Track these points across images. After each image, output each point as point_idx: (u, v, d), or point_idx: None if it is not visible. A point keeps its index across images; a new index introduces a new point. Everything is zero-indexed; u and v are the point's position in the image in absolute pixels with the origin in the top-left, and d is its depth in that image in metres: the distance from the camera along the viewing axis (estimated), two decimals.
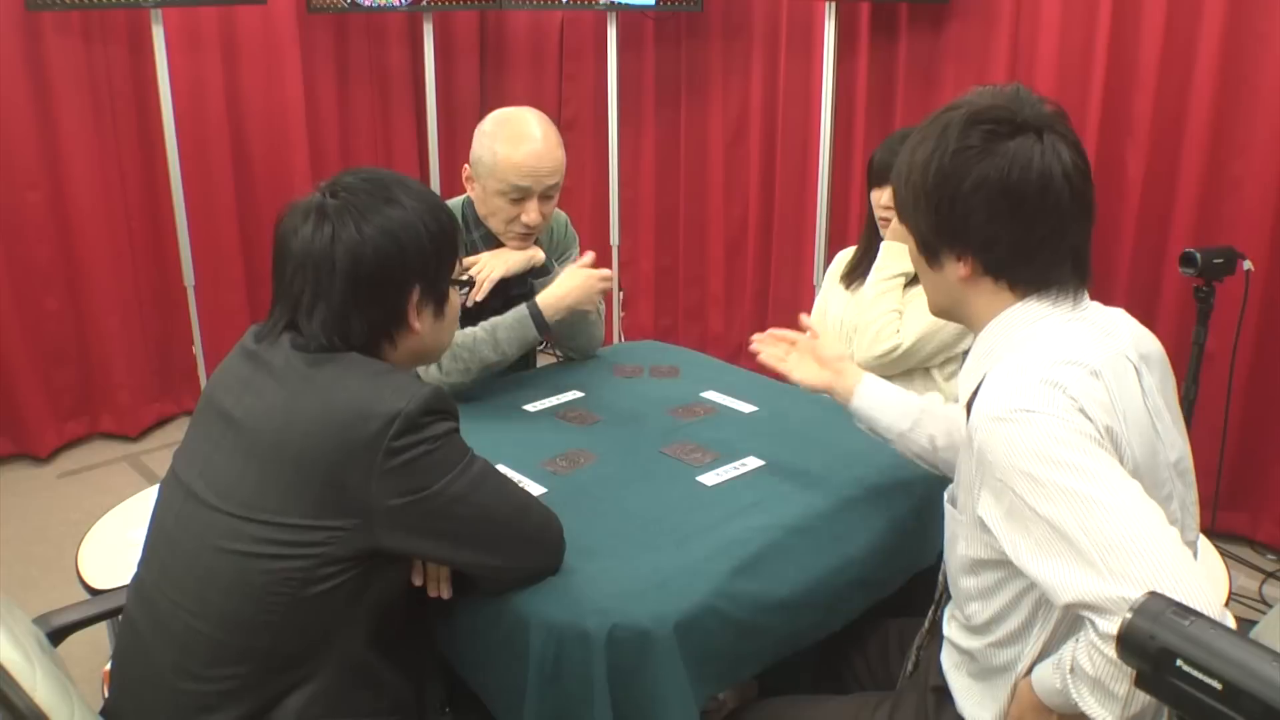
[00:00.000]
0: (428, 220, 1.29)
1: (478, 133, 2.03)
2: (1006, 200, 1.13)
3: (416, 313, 1.30)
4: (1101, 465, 1.02)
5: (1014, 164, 1.13)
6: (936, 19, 3.23)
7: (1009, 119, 1.14)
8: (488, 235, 2.10)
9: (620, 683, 1.23)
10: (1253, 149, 2.63)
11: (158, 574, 1.27)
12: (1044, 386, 1.07)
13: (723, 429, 1.82)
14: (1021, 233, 1.15)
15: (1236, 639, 0.76)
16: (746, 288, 4.01)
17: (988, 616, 1.19)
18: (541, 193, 2.00)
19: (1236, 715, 0.73)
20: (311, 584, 1.17)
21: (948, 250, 1.20)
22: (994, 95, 1.18)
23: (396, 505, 1.16)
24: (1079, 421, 1.05)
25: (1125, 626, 0.81)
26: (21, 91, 3.24)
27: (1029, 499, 1.03)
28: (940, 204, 1.17)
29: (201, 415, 1.32)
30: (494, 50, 4.46)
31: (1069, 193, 1.14)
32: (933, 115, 1.20)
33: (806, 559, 1.43)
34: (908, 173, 1.21)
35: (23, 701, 1.08)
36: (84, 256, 3.46)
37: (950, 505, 1.25)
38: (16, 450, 3.44)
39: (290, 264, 1.26)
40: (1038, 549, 1.03)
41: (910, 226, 1.24)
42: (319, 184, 1.30)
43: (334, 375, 1.21)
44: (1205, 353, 2.47)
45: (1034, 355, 1.12)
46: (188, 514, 1.24)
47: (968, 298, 1.22)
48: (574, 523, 1.44)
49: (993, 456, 1.07)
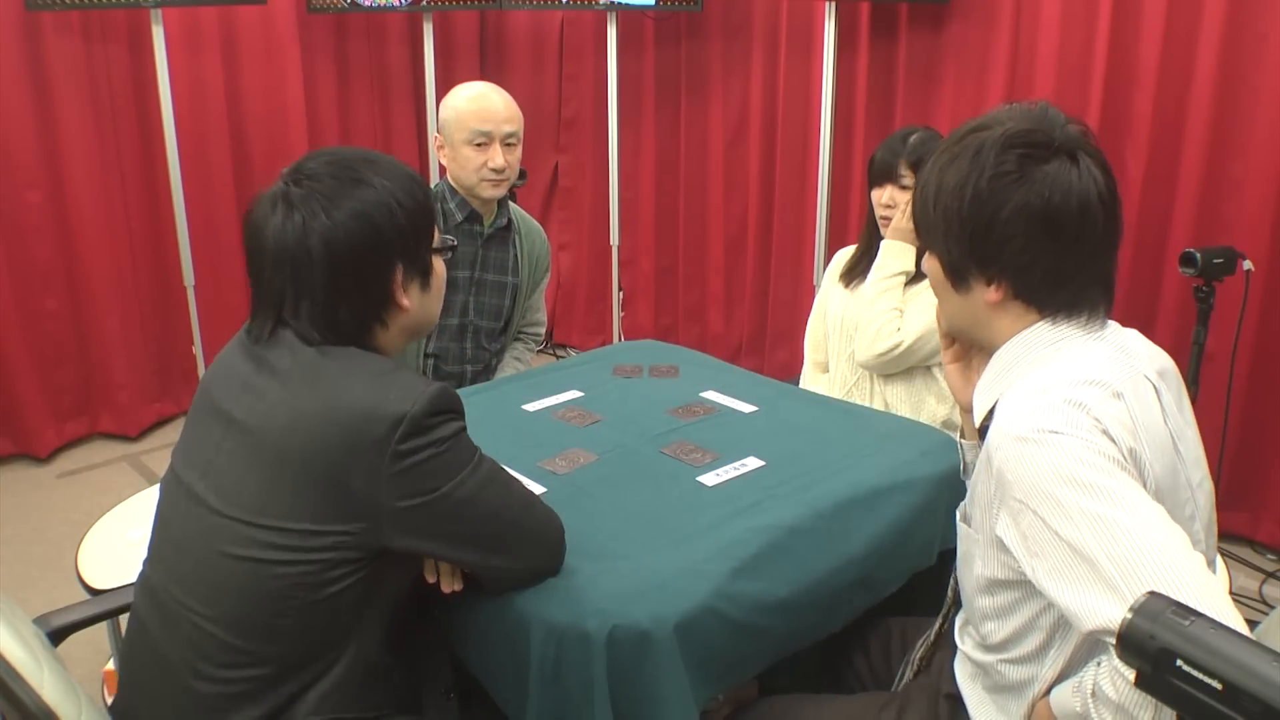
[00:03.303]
0: (400, 196, 1.24)
1: (441, 106, 2.31)
2: (1046, 226, 1.11)
3: (403, 290, 1.27)
4: (1125, 488, 1.00)
5: (1054, 190, 1.10)
6: (936, 19, 3.23)
7: (1045, 142, 1.12)
8: (463, 203, 2.31)
9: (620, 683, 1.23)
10: (1253, 149, 2.63)
11: (165, 575, 1.25)
12: (1068, 407, 1.05)
13: (723, 429, 1.82)
14: (1059, 258, 1.13)
15: (1237, 639, 0.76)
16: (746, 288, 4.01)
17: (1004, 636, 1.17)
18: (502, 139, 2.24)
19: (1236, 715, 0.73)
20: (323, 586, 1.16)
21: (979, 274, 1.16)
22: (1024, 115, 1.15)
23: (404, 507, 1.15)
24: (1103, 443, 1.03)
25: (1125, 626, 0.81)
26: (21, 91, 3.24)
27: (1050, 521, 1.01)
28: (976, 229, 1.13)
29: (200, 415, 1.29)
30: (494, 50, 4.47)
31: (1104, 216, 1.13)
32: (959, 134, 1.17)
33: (806, 559, 1.43)
34: (936, 195, 1.17)
35: (31, 699, 1.08)
36: (84, 256, 3.46)
37: (964, 523, 1.23)
38: (16, 450, 3.44)
39: (266, 261, 1.23)
40: (1058, 573, 1.00)
41: (938, 250, 1.20)
42: (282, 170, 1.26)
43: (337, 375, 1.18)
44: (1205, 353, 2.47)
45: (1055, 375, 1.10)
46: (193, 518, 1.22)
47: (992, 320, 1.19)
48: (574, 523, 1.44)
49: (1013, 477, 1.05)
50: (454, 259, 2.32)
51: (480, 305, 2.39)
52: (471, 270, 2.36)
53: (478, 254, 2.35)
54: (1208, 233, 2.72)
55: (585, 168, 4.42)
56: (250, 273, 1.26)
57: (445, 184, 2.33)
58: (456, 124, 2.24)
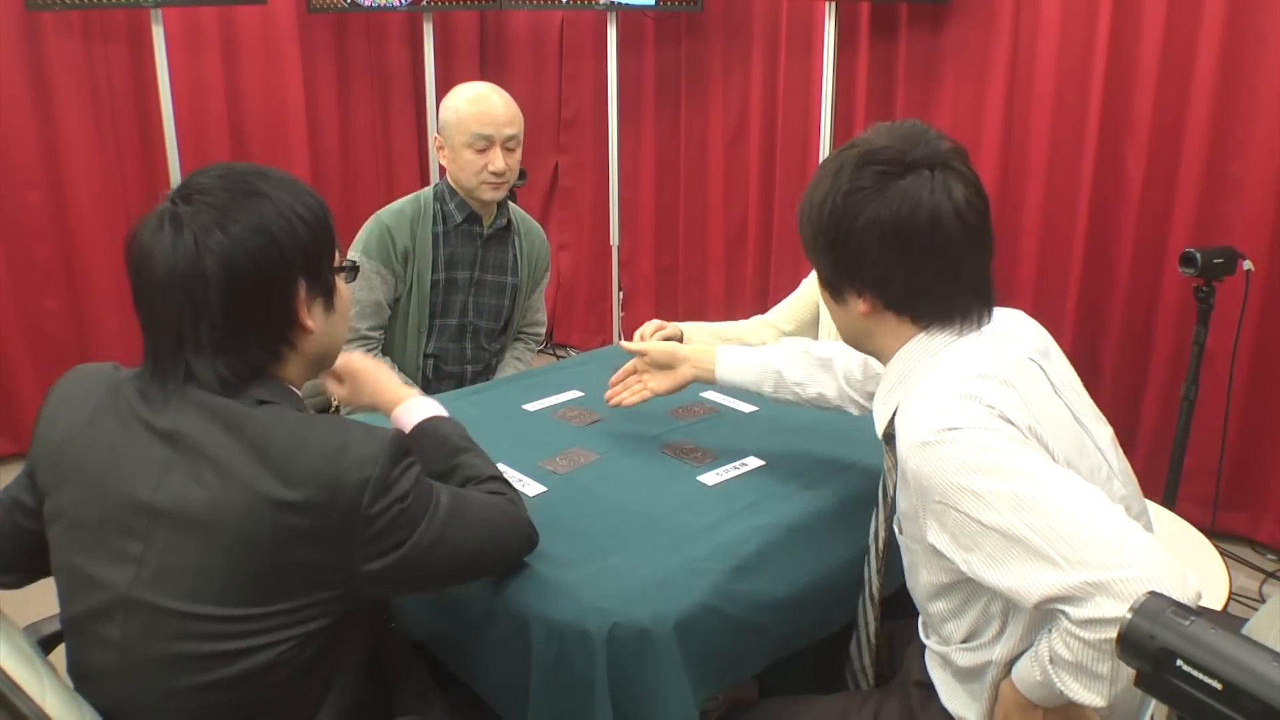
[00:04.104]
0: (298, 208, 1.14)
1: (441, 107, 2.29)
2: (898, 238, 1.17)
3: (307, 309, 1.17)
4: (1032, 463, 1.05)
5: (903, 203, 1.16)
6: (936, 19, 3.23)
7: (899, 159, 1.17)
8: (462, 204, 2.30)
9: (620, 682, 1.23)
10: (1253, 149, 2.63)
11: (114, 703, 1.12)
12: (961, 401, 1.10)
13: (723, 429, 1.82)
14: (914, 269, 1.18)
15: (1236, 639, 0.76)
16: (746, 288, 4.01)
17: (964, 633, 1.21)
18: (502, 142, 2.23)
19: (1236, 715, 0.73)
20: (305, 650, 1.12)
21: (848, 286, 1.24)
22: (890, 133, 1.21)
23: (377, 567, 1.11)
24: (1002, 426, 1.08)
25: (1125, 626, 0.81)
26: (21, 91, 3.24)
27: (973, 513, 1.05)
28: (836, 243, 1.21)
29: (91, 512, 1.12)
30: (494, 50, 4.47)
31: (960, 229, 1.16)
32: (833, 154, 1.24)
33: (806, 559, 1.43)
34: (806, 212, 1.25)
35: (32, 711, 1.06)
36: (84, 256, 3.46)
37: (900, 535, 1.27)
38: (16, 450, 3.44)
39: (155, 291, 1.09)
40: (993, 560, 1.04)
41: (813, 263, 1.28)
42: (165, 192, 1.15)
43: (284, 446, 1.07)
44: (1205, 353, 2.48)
45: (944, 376, 1.16)
46: (145, 625, 1.09)
47: (872, 331, 1.26)
48: (574, 522, 1.44)
49: (928, 481, 1.09)
50: (454, 259, 2.32)
51: (480, 306, 2.39)
52: (471, 271, 2.36)
53: (477, 254, 2.35)
54: (1208, 233, 2.72)
55: (585, 168, 4.42)
56: (138, 308, 1.12)
57: (445, 185, 2.33)
58: (457, 126, 2.23)
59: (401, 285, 2.28)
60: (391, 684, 1.39)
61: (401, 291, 2.29)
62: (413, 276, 2.28)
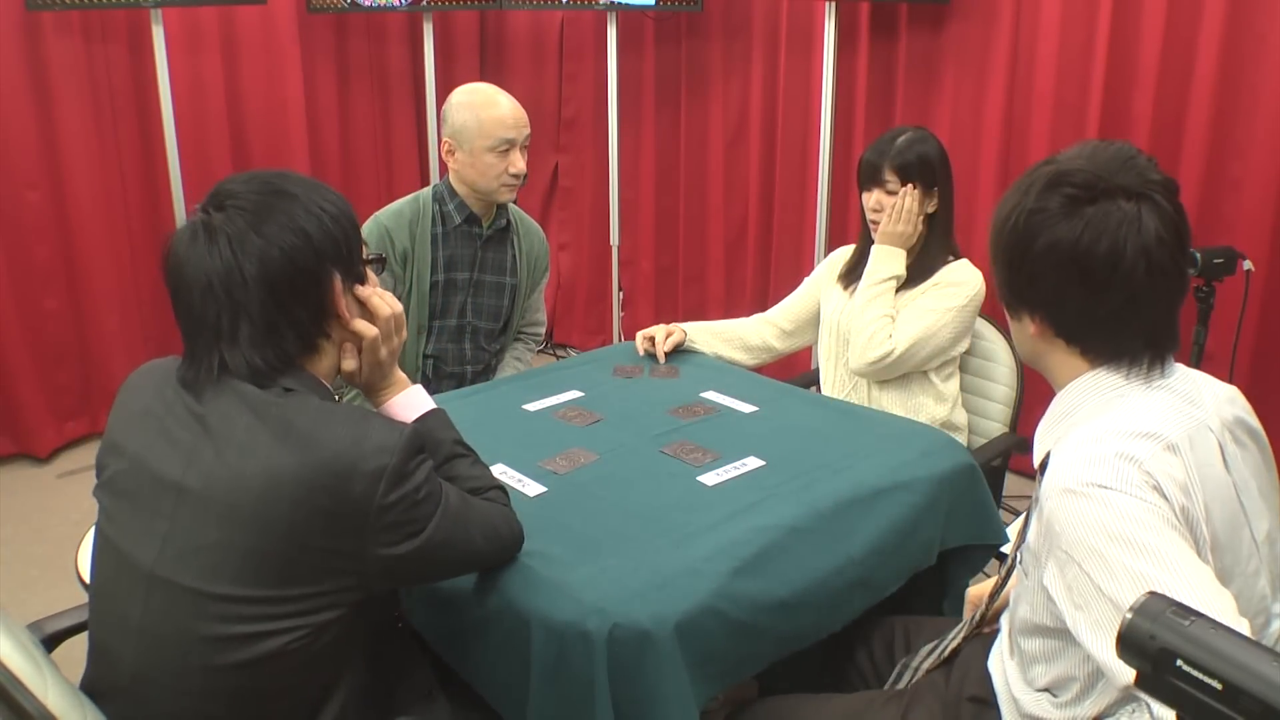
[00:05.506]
0: (324, 204, 1.20)
1: (451, 108, 2.25)
2: (1075, 267, 1.10)
3: (343, 302, 1.23)
4: (1171, 548, 0.99)
5: (1086, 231, 1.09)
6: (936, 19, 3.23)
7: (1092, 183, 1.10)
8: (462, 205, 2.31)
9: (621, 683, 1.23)
10: (1253, 149, 2.63)
11: (130, 677, 1.16)
12: (1119, 461, 1.03)
13: (723, 429, 1.82)
14: (1089, 302, 1.12)
15: (1237, 639, 0.76)
16: (746, 288, 4.01)
17: (1050, 680, 1.17)
18: (521, 143, 2.25)
19: (1236, 715, 0.73)
20: (318, 640, 1.14)
21: (1020, 305, 1.19)
22: (1092, 155, 1.14)
23: (391, 556, 1.14)
24: (1154, 500, 1.01)
25: (1125, 626, 0.81)
26: (21, 91, 3.24)
27: (1094, 576, 1.00)
28: (1013, 261, 1.16)
29: (129, 486, 1.18)
30: (494, 50, 4.47)
31: (1144, 267, 1.09)
32: (1030, 169, 1.18)
33: (806, 559, 1.43)
34: (992, 223, 1.20)
35: (35, 708, 1.06)
36: (84, 256, 3.46)
37: (1019, 566, 1.24)
38: (16, 450, 3.44)
39: (195, 292, 1.15)
40: (1099, 627, 1.00)
41: (994, 275, 1.24)
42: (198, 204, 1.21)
43: (306, 430, 1.11)
44: (1205, 353, 2.47)
45: (1110, 425, 1.09)
46: (165, 603, 1.13)
47: (1042, 354, 1.21)
48: (574, 522, 1.44)
49: (1060, 528, 1.04)
50: (453, 260, 2.32)
51: (479, 306, 2.39)
52: (470, 271, 2.36)
53: (476, 255, 2.36)
54: (1208, 233, 2.72)
55: (585, 168, 4.43)
56: (178, 314, 1.18)
57: (444, 185, 2.33)
58: (479, 131, 2.21)
59: (401, 286, 2.28)
60: (397, 682, 1.40)
61: (401, 292, 2.29)
62: (412, 277, 2.28)
